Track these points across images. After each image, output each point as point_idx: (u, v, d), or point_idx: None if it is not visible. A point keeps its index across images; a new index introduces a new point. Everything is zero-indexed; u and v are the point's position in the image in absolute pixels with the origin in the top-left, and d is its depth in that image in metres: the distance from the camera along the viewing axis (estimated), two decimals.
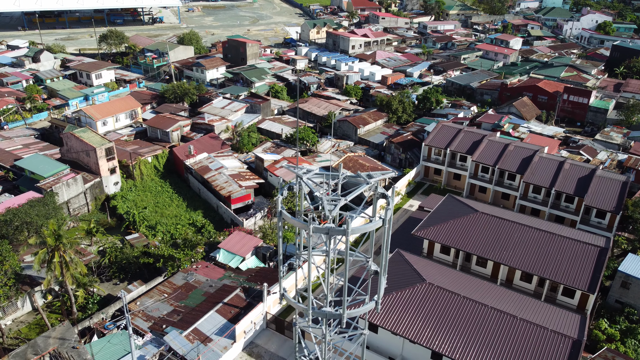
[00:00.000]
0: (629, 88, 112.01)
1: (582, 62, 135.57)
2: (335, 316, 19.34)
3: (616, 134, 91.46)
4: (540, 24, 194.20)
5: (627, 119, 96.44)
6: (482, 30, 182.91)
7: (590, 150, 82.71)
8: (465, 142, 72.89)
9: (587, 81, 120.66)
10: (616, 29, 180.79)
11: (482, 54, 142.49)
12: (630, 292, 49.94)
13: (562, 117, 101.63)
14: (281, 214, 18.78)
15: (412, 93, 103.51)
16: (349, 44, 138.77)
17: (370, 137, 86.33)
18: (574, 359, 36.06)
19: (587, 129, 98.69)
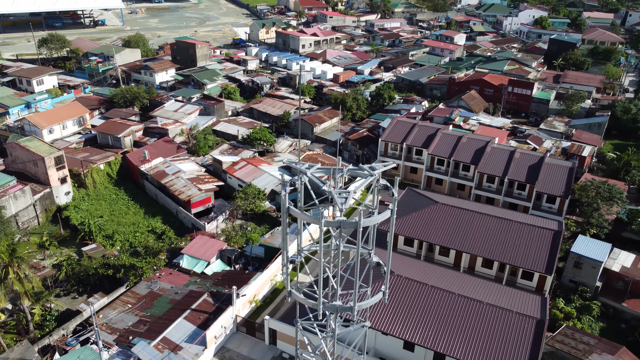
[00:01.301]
0: (567, 79, 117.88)
1: (523, 56, 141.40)
2: (346, 309, 19.41)
3: (559, 123, 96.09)
4: (481, 20, 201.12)
5: (568, 109, 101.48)
6: (427, 27, 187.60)
7: (537, 140, 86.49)
8: (420, 137, 74.63)
9: (529, 74, 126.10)
10: (552, 24, 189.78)
11: (429, 50, 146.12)
12: (583, 271, 52.72)
13: (508, 109, 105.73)
14: (288, 210, 18.66)
15: (365, 90, 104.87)
16: (299, 43, 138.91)
17: (326, 135, 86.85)
18: (539, 338, 37.75)
19: (531, 119, 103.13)
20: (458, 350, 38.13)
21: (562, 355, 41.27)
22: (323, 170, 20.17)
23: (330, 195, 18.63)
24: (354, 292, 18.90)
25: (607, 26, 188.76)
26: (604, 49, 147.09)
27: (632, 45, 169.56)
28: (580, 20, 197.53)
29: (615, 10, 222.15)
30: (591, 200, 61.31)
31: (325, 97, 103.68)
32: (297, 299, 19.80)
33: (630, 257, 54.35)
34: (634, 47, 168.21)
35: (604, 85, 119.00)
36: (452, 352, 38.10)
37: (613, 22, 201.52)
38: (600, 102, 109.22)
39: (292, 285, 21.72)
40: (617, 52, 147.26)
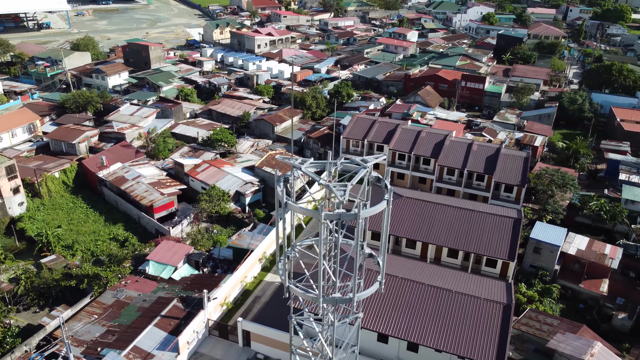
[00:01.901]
0: (516, 72, 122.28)
1: (474, 51, 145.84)
2: (346, 301, 19.57)
3: (511, 115, 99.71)
4: (432, 17, 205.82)
5: (518, 101, 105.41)
6: (380, 25, 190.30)
7: (491, 132, 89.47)
8: (381, 132, 75.75)
9: (480, 68, 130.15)
10: (498, 20, 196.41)
11: (383, 47, 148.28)
12: (542, 256, 55.00)
13: (462, 103, 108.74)
14: (286, 205, 18.60)
15: (323, 88, 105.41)
16: (254, 43, 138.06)
17: (288, 134, 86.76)
18: (507, 322, 39.19)
19: (485, 112, 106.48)
20: (430, 338, 39.05)
21: (528, 337, 42.98)
22: (315, 165, 20.30)
23: (328, 188, 18.77)
24: (353, 283, 19.13)
25: (550, 21, 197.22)
26: (548, 43, 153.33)
27: (574, 39, 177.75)
28: (525, 15, 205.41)
29: (556, 5, 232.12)
30: (546, 188, 64.03)
31: (284, 96, 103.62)
32: (296, 293, 19.90)
33: (584, 240, 57.06)
34: (576, 41, 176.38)
35: (550, 78, 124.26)
36: (425, 341, 38.99)
37: (555, 17, 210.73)
38: (548, 94, 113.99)
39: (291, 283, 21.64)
40: (560, 45, 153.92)
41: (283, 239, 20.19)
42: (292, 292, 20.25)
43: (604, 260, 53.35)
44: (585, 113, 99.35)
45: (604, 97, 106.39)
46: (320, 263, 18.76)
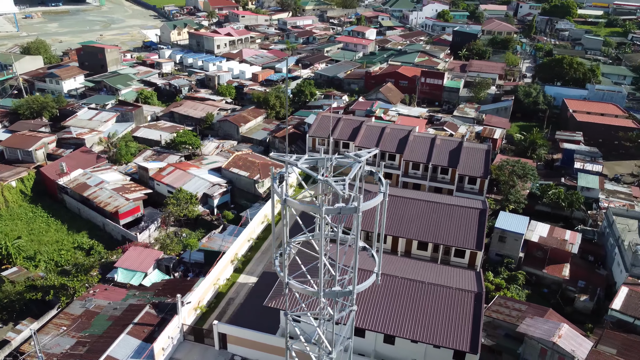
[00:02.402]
0: (472, 68, 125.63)
1: (431, 48, 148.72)
2: (345, 293, 19.75)
3: (470, 109, 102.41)
4: (389, 15, 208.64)
5: (476, 95, 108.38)
6: (339, 24, 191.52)
7: (452, 126, 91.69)
8: (346, 130, 76.44)
9: (438, 64, 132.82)
10: (453, 17, 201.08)
11: (343, 45, 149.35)
12: (507, 244, 56.88)
13: (422, 99, 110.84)
14: (285, 202, 18.64)
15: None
16: (213, 43, 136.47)
17: (253, 135, 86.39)
18: (479, 309, 40.42)
19: (445, 107, 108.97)
20: (406, 330, 39.85)
21: (498, 323, 44.43)
22: (310, 161, 20.46)
23: (327, 184, 18.94)
24: (354, 275, 19.41)
25: (502, 17, 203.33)
26: (501, 38, 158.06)
27: (525, 34, 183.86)
28: (478, 12, 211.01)
29: (507, 2, 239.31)
30: (508, 179, 66.21)
31: (247, 96, 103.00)
32: (296, 289, 20.03)
33: (545, 227, 59.33)
34: (527, 36, 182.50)
35: (505, 72, 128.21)
36: (401, 333, 39.76)
37: (507, 13, 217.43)
38: (504, 88, 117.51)
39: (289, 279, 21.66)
40: (513, 41, 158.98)
41: (284, 235, 20.29)
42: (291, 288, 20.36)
43: (564, 246, 55.67)
44: (540, 105, 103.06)
45: (556, 89, 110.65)
46: (320, 259, 18.96)
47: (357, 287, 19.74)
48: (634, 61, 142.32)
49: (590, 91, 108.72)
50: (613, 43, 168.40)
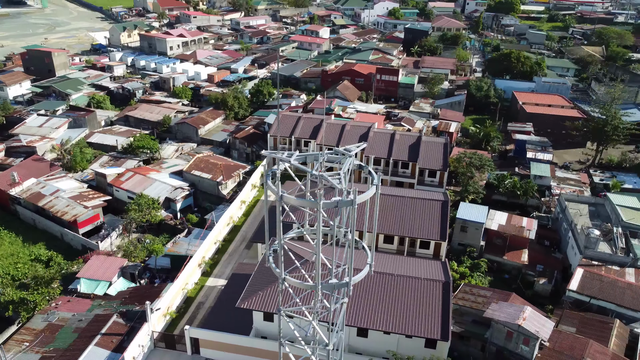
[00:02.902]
0: (425, 64, 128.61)
1: (384, 45, 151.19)
2: (342, 285, 19.97)
3: (425, 104, 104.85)
4: (341, 13, 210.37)
5: (430, 91, 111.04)
6: (292, 23, 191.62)
7: (409, 121, 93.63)
8: (307, 128, 76.81)
9: (392, 61, 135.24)
10: (404, 14, 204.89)
11: (298, 44, 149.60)
12: (468, 234, 58.77)
13: (378, 95, 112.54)
14: (282, 198, 18.66)
15: (244, 88, 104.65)
16: (166, 45, 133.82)
17: (212, 136, 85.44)
18: (447, 298, 41.67)
19: (401, 103, 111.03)
20: (378, 322, 40.60)
21: (465, 310, 45.91)
22: (301, 157, 20.65)
23: (323, 178, 19.11)
24: (349, 267, 19.70)
25: (451, 14, 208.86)
26: (451, 35, 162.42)
27: (473, 30, 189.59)
28: (428, 10, 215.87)
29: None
30: (466, 170, 68.31)
31: (204, 98, 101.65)
32: (293, 284, 20.16)
33: (503, 215, 61.64)
34: (475, 32, 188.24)
35: (456, 67, 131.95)
36: (374, 325, 40.47)
37: (454, 10, 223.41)
38: (456, 83, 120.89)
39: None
40: (462, 37, 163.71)
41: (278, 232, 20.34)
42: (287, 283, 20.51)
43: (522, 233, 58.03)
44: (491, 99, 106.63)
45: (505, 83, 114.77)
46: (318, 252, 19.20)
47: (354, 278, 20.15)
48: (575, 54, 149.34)
49: (537, 84, 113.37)
50: (555, 37, 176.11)
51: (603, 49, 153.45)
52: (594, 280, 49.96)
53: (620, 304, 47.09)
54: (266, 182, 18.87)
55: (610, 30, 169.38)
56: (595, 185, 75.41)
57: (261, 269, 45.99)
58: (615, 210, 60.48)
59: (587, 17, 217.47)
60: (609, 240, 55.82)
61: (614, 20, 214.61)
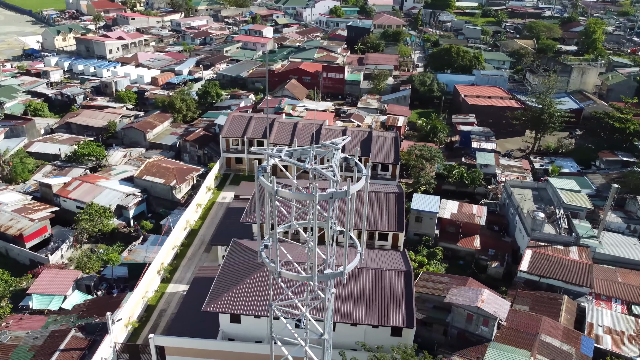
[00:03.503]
0: (369, 61, 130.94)
1: (328, 43, 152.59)
2: (337, 275, 20.25)
3: (372, 100, 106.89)
4: (283, 12, 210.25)
5: (376, 87, 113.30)
6: (234, 23, 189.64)
7: (358, 117, 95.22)
8: (259, 128, 76.61)
9: (337, 59, 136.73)
10: (345, 12, 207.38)
11: (242, 45, 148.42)
12: (423, 224, 60.68)
13: (326, 93, 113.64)
14: (277, 193, 18.67)
15: (190, 90, 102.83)
16: (105, 48, 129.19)
17: (161, 140, 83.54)
18: (409, 286, 43.00)
19: (348, 100, 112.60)
20: (345, 315, 41.32)
21: (426, 297, 47.48)
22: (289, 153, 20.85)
23: (316, 172, 19.31)
24: (344, 257, 20.06)
25: (390, 11, 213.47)
26: (392, 31, 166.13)
27: (413, 27, 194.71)
28: (368, 7, 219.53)
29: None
30: (417, 162, 70.40)
31: (149, 101, 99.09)
32: (289, 277, 20.31)
33: (454, 204, 64.03)
34: (414, 28, 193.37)
35: (399, 63, 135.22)
36: (341, 318, 41.14)
37: (393, 7, 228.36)
38: (400, 78, 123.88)
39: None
40: (403, 33, 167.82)
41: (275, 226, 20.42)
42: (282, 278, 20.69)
43: (473, 219, 60.56)
44: (435, 92, 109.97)
45: (447, 76, 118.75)
46: (315, 244, 19.48)
47: (348, 267, 20.66)
48: (509, 47, 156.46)
49: (476, 76, 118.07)
50: (490, 32, 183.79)
51: (534, 41, 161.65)
52: (542, 260, 52.91)
53: (567, 281, 50.11)
54: (257, 178, 19.07)
55: (540, 24, 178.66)
56: (536, 170, 79.67)
57: (224, 271, 45.70)
58: (557, 194, 64.20)
59: (517, 12, 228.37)
60: (553, 221, 59.19)
61: (542, 15, 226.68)
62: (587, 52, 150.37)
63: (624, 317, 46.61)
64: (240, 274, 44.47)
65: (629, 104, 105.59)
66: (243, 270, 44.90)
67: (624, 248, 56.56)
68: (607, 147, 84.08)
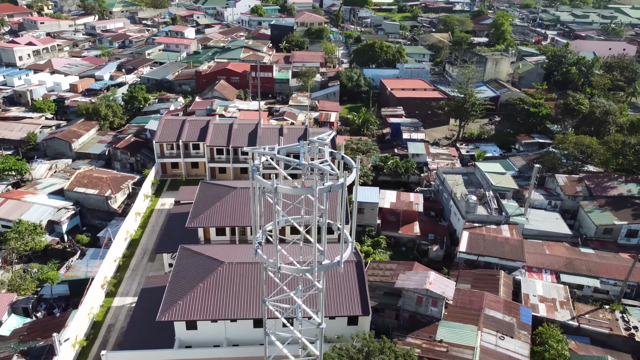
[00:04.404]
0: (295, 59, 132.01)
1: (254, 43, 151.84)
2: (334, 265, 20.64)
3: (302, 98, 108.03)
4: (203, 12, 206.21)
5: (305, 84, 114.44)
6: (153, 25, 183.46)
7: (291, 115, 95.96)
8: (194, 131, 75.25)
9: (263, 58, 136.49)
10: (266, 11, 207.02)
11: (164, 47, 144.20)
12: (365, 215, 62.53)
13: (256, 92, 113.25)
14: (277, 190, 18.72)
15: (114, 95, 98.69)
16: (14, 55, 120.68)
17: (89, 150, 79.72)
18: (362, 275, 44.44)
19: (278, 98, 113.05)
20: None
21: (376, 285, 49.20)
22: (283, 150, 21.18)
23: (313, 167, 19.58)
24: (341, 248, 20.57)
25: (311, 9, 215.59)
26: (315, 29, 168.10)
27: (334, 24, 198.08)
28: (289, 5, 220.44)
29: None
30: (354, 155, 72.25)
31: (71, 109, 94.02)
32: (289, 272, 20.70)
33: (393, 194, 66.47)
34: (336, 25, 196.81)
35: (325, 60, 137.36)
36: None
37: (313, 5, 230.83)
38: (328, 75, 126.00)
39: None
40: (326, 30, 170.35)
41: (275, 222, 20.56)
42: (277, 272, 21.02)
43: (412, 207, 63.27)
44: (362, 87, 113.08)
45: (373, 71, 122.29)
46: (314, 236, 19.88)
47: (344, 257, 21.46)
48: (427, 41, 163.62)
49: (400, 70, 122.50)
50: (407, 26, 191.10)
51: (450, 34, 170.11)
52: (478, 240, 56.45)
53: (502, 257, 53.85)
54: (251, 177, 19.39)
55: (453, 18, 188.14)
56: (463, 157, 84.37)
57: (175, 278, 44.87)
58: (485, 177, 68.52)
59: (431, 7, 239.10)
60: (484, 203, 63.14)
61: (453, 9, 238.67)
62: (498, 43, 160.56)
63: (554, 286, 50.89)
64: (192, 280, 43.87)
65: (540, 89, 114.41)
66: (195, 276, 44.33)
67: (548, 223, 61.55)
68: (524, 131, 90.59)
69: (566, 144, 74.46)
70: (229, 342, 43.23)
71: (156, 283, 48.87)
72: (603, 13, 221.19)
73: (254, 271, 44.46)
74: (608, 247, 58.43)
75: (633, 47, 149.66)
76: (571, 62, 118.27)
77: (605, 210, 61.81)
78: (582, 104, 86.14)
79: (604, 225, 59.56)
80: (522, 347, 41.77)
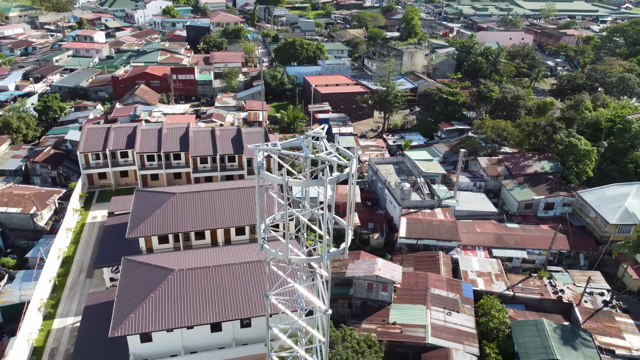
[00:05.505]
0: (216, 59, 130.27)
1: (170, 45, 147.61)
2: (339, 252, 20.97)
3: (228, 99, 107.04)
4: (111, 15, 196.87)
5: (229, 85, 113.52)
6: (57, 29, 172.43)
7: (219, 116, 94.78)
8: (120, 139, 72.29)
9: (182, 60, 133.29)
10: (179, 12, 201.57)
11: (74, 52, 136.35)
12: None
13: (178, 95, 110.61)
14: (287, 183, 18.67)
15: (24, 106, 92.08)
16: None
17: (2, 166, 74.03)
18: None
19: (203, 100, 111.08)
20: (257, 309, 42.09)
21: None
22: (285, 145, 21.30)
23: (319, 158, 19.74)
24: (346, 236, 21.06)
25: (224, 9, 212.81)
26: (232, 29, 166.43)
27: (250, 23, 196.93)
28: (201, 6, 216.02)
29: None
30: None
31: None
32: (300, 261, 20.81)
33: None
34: (252, 25, 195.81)
35: (245, 60, 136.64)
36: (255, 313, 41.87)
37: (227, 5, 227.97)
38: (250, 74, 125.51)
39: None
40: (243, 30, 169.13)
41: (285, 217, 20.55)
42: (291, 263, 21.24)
43: None
44: (286, 85, 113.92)
45: (295, 69, 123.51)
46: (324, 226, 20.23)
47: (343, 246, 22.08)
48: (343, 37, 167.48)
49: (322, 66, 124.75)
50: (322, 24, 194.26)
51: (364, 30, 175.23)
52: (416, 224, 59.36)
53: (439, 239, 57.08)
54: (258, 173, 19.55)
55: (366, 14, 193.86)
56: (391, 147, 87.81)
57: (123, 292, 43.30)
58: (415, 165, 71.91)
59: (342, 4, 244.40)
60: (417, 189, 66.39)
61: (364, 5, 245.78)
62: (410, 37, 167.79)
63: (488, 260, 54.82)
64: (142, 291, 42.57)
65: (454, 79, 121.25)
66: (145, 287, 43.04)
67: (475, 203, 65.94)
68: (444, 119, 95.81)
69: (484, 128, 79.80)
70: (186, 350, 42.47)
71: (100, 299, 46.83)
72: (500, 6, 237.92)
73: (207, 276, 43.97)
74: (530, 220, 63.67)
75: (530, 36, 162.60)
76: (479, 52, 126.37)
77: (524, 187, 67.23)
78: (493, 90, 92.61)
79: (524, 201, 64.78)
80: (468, 320, 44.78)
